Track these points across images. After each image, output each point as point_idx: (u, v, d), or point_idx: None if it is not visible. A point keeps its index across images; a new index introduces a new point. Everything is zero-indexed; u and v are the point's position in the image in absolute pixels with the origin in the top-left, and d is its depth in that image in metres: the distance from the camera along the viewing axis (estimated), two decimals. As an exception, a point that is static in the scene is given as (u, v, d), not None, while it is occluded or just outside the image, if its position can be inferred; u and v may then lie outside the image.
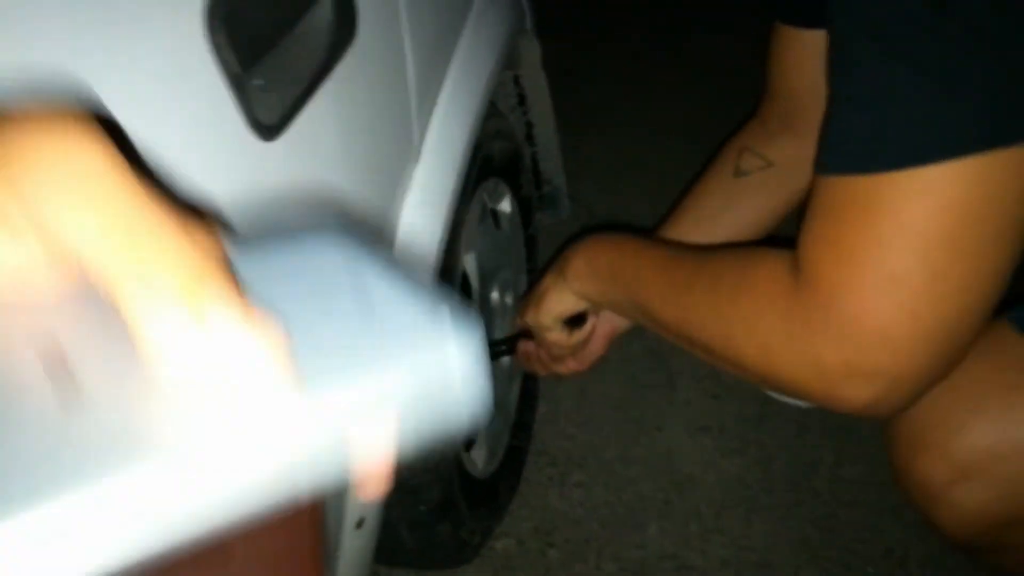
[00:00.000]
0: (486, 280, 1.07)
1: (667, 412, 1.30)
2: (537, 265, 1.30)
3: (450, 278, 0.89)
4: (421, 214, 0.72)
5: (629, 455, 1.25)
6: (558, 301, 0.84)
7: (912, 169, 0.48)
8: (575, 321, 0.89)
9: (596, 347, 0.95)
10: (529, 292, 0.94)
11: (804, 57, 0.85)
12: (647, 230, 0.98)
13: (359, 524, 0.76)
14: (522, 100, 1.24)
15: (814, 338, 0.53)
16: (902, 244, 0.49)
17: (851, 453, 1.22)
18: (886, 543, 1.11)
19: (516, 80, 1.20)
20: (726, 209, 0.92)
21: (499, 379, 1.15)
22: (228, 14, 0.45)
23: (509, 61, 1.18)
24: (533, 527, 1.16)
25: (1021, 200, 0.49)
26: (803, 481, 1.19)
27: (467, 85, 0.81)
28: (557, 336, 0.90)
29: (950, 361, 0.54)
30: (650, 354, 1.40)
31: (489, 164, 1.03)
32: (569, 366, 0.97)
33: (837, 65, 0.53)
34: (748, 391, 1.30)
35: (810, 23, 0.84)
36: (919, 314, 0.50)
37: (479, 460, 1.10)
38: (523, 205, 1.20)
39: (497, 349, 1.11)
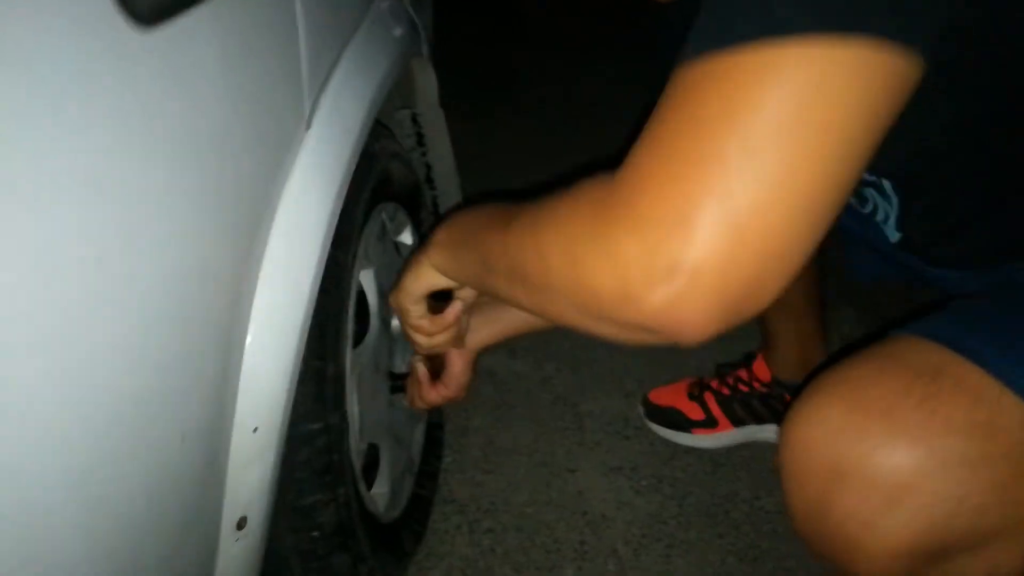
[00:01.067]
0: (386, 303, 1.03)
1: (578, 454, 1.25)
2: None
3: (344, 282, 0.84)
4: (312, 179, 0.69)
5: (541, 499, 1.18)
6: (415, 276, 0.78)
7: (751, 45, 0.43)
8: (440, 303, 0.83)
9: (458, 371, 0.92)
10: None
11: None
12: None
13: (240, 524, 0.67)
14: (420, 140, 1.24)
15: (613, 225, 0.46)
16: (723, 122, 0.43)
17: (768, 484, 1.19)
18: (811, 572, 1.07)
19: (414, 118, 1.21)
20: None
21: (401, 416, 1.09)
22: None
23: (406, 97, 1.19)
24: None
25: (869, 110, 0.44)
26: (721, 514, 1.15)
27: (362, 73, 0.80)
28: (418, 320, 0.83)
29: (765, 268, 0.45)
30: (558, 400, 1.36)
31: (388, 183, 1.01)
32: (440, 392, 0.93)
33: None
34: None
35: None
36: (726, 194, 0.43)
37: (381, 502, 1.01)
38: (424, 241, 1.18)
39: (397, 383, 1.05)
